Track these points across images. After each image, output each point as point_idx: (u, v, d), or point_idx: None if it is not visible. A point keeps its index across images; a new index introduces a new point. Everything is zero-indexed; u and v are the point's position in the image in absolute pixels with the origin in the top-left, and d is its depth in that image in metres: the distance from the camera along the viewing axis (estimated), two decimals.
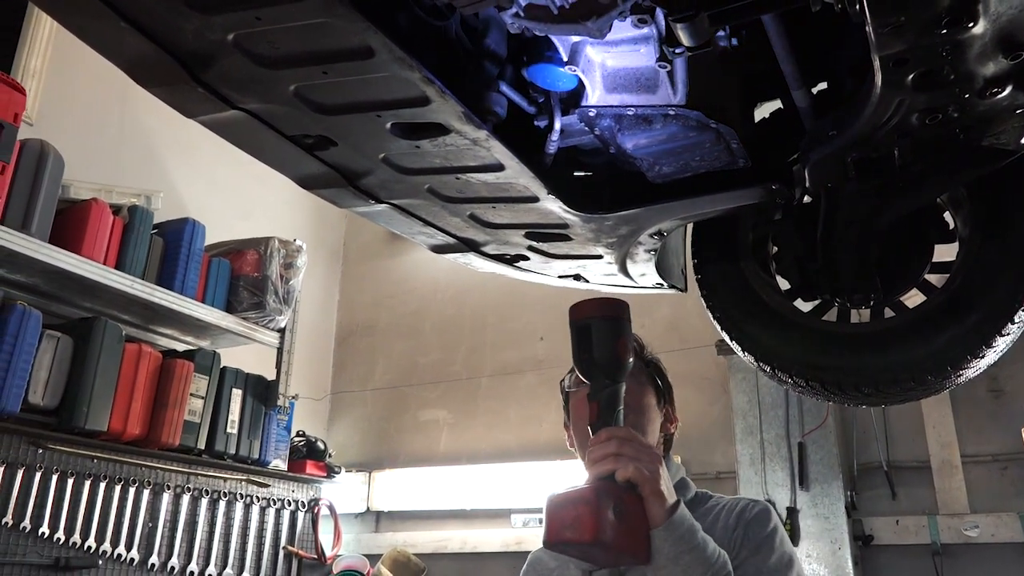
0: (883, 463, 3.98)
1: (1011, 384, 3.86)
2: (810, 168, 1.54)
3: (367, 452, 5.50)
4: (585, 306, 1.34)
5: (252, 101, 1.38)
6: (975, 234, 1.82)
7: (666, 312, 4.63)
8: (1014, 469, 3.79)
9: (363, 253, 6.16)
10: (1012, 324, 1.74)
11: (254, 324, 4.09)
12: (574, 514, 1.16)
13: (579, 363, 1.34)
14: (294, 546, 4.39)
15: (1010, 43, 1.17)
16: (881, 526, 3.88)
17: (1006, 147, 1.48)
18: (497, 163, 1.52)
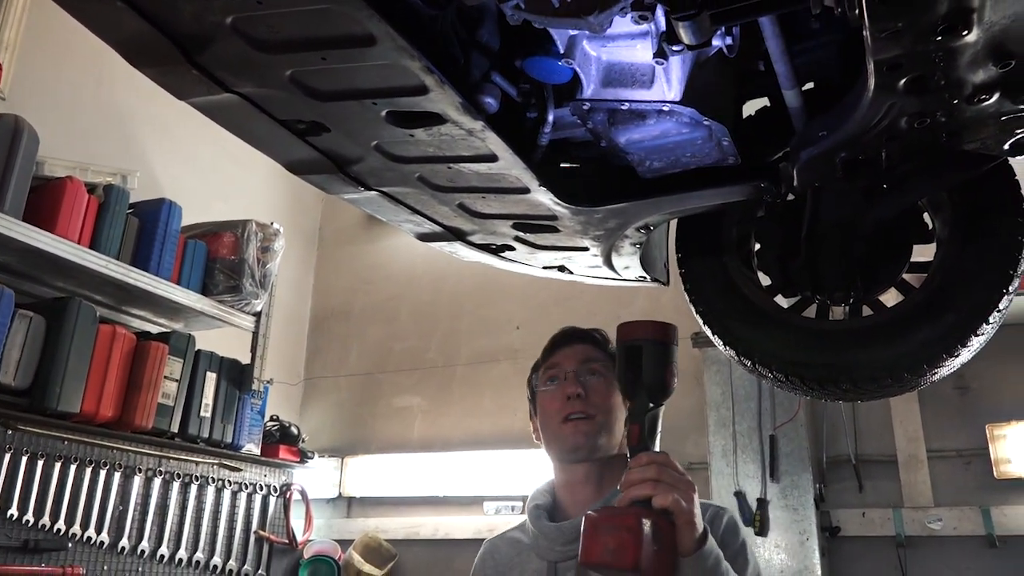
0: (851, 456, 4.06)
1: (977, 382, 3.95)
2: (799, 167, 1.56)
3: (340, 438, 5.48)
4: (639, 328, 1.37)
5: (247, 85, 1.37)
6: (954, 236, 1.86)
7: (642, 305, 4.66)
8: (977, 464, 3.89)
9: (339, 238, 6.13)
10: (986, 324, 1.78)
11: (230, 307, 4.06)
12: (618, 540, 1.15)
13: (625, 383, 1.35)
14: (265, 531, 4.37)
15: (1001, 52, 1.19)
16: (848, 518, 3.97)
17: (989, 152, 1.51)
18: (491, 154, 1.52)
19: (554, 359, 1.65)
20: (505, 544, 1.63)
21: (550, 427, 1.58)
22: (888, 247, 1.95)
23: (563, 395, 1.58)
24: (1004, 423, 3.81)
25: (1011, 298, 1.81)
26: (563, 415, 1.55)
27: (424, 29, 1.42)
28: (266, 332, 4.32)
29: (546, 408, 1.61)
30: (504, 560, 1.58)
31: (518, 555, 1.57)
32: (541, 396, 1.65)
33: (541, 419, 1.64)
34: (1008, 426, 3.79)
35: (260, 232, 4.15)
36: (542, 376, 1.65)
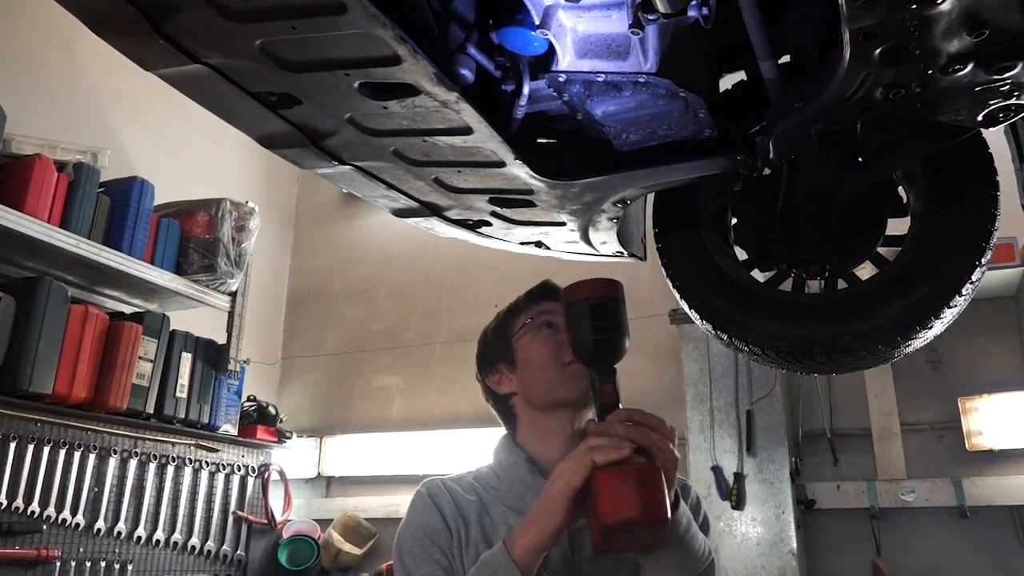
0: (826, 431, 4.11)
1: (949, 356, 4.01)
2: (775, 139, 1.56)
3: (318, 417, 5.47)
4: (601, 285, 1.33)
5: (215, 55, 1.34)
6: (928, 209, 1.87)
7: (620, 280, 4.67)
8: (949, 437, 3.95)
9: (315, 217, 6.08)
10: (959, 297, 1.80)
11: (204, 287, 4.02)
12: (646, 494, 1.12)
13: (599, 343, 1.29)
14: (244, 511, 4.36)
15: (974, 21, 1.19)
16: (823, 491, 4.03)
17: (963, 124, 1.51)
18: (466, 126, 1.51)
19: (546, 307, 1.56)
20: (463, 489, 1.48)
21: (548, 372, 1.48)
22: (863, 220, 1.96)
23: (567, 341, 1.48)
24: (976, 396, 3.86)
25: (983, 270, 1.83)
26: (568, 358, 1.44)
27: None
28: (242, 312, 4.29)
29: (540, 354, 1.50)
30: (467, 506, 1.44)
31: (482, 504, 1.44)
32: (533, 342, 1.53)
33: (531, 366, 1.51)
34: (980, 399, 3.85)
35: (235, 211, 4.10)
36: (531, 323, 1.55)
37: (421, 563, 1.37)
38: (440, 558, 1.38)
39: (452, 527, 1.41)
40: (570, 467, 1.18)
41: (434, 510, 1.43)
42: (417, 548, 1.39)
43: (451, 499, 1.45)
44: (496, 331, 1.61)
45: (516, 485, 1.46)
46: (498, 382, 1.57)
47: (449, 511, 1.43)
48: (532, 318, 1.55)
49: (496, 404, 1.61)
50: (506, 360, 1.56)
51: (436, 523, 1.41)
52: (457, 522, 1.42)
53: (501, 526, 1.41)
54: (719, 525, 3.74)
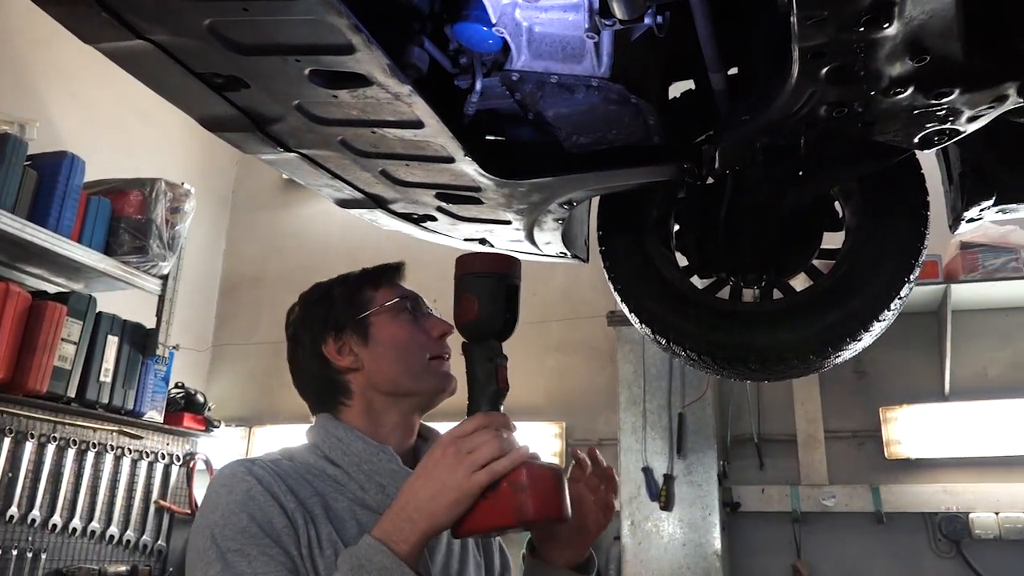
0: (754, 435, 4.22)
1: (873, 367, 4.15)
2: (721, 150, 1.59)
3: (248, 407, 5.36)
4: (510, 261, 1.26)
5: (160, 32, 1.29)
6: (862, 225, 1.94)
7: (561, 282, 4.71)
8: (870, 445, 4.10)
9: (253, 202, 5.95)
10: (888, 311, 1.87)
11: (135, 269, 3.89)
12: (565, 495, 1.13)
13: (510, 321, 1.23)
14: (166, 501, 4.25)
15: (917, 47, 1.24)
16: (748, 494, 4.13)
17: (899, 145, 1.56)
18: (417, 120, 1.49)
19: (408, 292, 1.44)
20: (294, 479, 1.24)
21: (409, 361, 1.35)
22: (800, 233, 2.01)
23: (437, 331, 1.38)
24: (896, 406, 4.01)
25: (911, 286, 1.90)
26: (434, 353, 1.36)
27: None
28: (173, 296, 4.16)
29: (404, 339, 1.36)
30: (308, 498, 1.22)
31: (322, 498, 1.24)
32: (395, 324, 1.38)
33: (391, 348, 1.36)
34: (899, 409, 4.00)
35: (169, 192, 3.98)
36: (396, 303, 1.39)
37: (260, 566, 1.10)
38: (284, 559, 1.13)
39: (298, 523, 1.17)
40: (490, 459, 1.09)
41: (270, 500, 1.16)
42: (252, 547, 1.11)
43: (288, 488, 1.20)
44: (347, 297, 1.40)
45: (377, 477, 1.26)
46: (339, 351, 1.35)
47: (291, 504, 1.18)
48: (400, 298, 1.40)
49: (321, 375, 1.37)
50: (356, 332, 1.36)
51: (276, 518, 1.15)
52: (304, 517, 1.18)
53: (349, 523, 1.22)
54: (647, 526, 3.80)
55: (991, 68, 1.35)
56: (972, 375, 3.99)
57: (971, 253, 3.66)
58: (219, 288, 5.82)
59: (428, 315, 1.42)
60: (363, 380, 1.35)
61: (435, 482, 1.09)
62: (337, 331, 1.37)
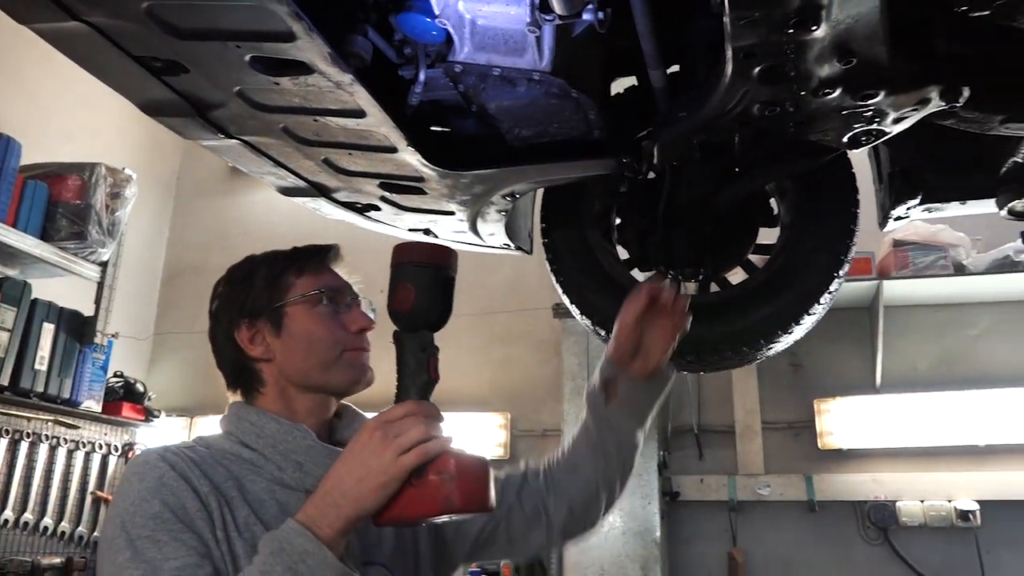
0: (694, 426, 4.31)
1: (808, 359, 4.28)
2: (659, 146, 1.63)
3: (190, 397, 5.28)
4: (448, 252, 1.26)
5: (97, 14, 1.27)
6: (795, 222, 2.00)
7: (507, 273, 4.74)
8: (805, 436, 4.23)
9: (198, 189, 5.85)
10: (818, 305, 1.93)
11: (73, 255, 3.81)
12: (489, 484, 1.13)
13: (442, 310, 1.22)
14: (103, 491, 4.17)
15: (844, 50, 1.28)
16: (687, 484, 4.23)
17: (830, 144, 1.62)
18: (359, 109, 1.49)
19: (331, 280, 1.40)
20: (209, 462, 1.22)
21: (322, 355, 1.32)
22: (737, 228, 2.07)
23: (355, 325, 1.36)
24: (829, 398, 4.15)
25: (841, 282, 1.97)
26: (350, 348, 1.34)
27: None
28: (113, 283, 4.09)
29: (319, 333, 1.33)
30: (223, 481, 1.20)
31: (237, 480, 1.22)
32: (311, 316, 1.34)
33: (303, 341, 1.33)
34: (832, 400, 4.13)
35: (110, 177, 3.90)
36: (314, 294, 1.36)
37: (171, 551, 1.08)
38: (197, 544, 1.10)
39: (212, 507, 1.15)
40: (417, 441, 1.08)
41: (183, 485, 1.14)
42: (163, 533, 1.09)
43: (202, 473, 1.18)
44: (267, 282, 1.37)
45: (294, 456, 1.24)
46: (251, 340, 1.33)
47: (205, 488, 1.16)
48: (318, 290, 1.36)
49: (234, 362, 1.36)
50: (271, 321, 1.33)
51: (188, 502, 1.13)
52: (219, 500, 1.16)
53: (269, 503, 1.21)
54: None
55: (915, 72, 1.41)
56: (902, 369, 4.14)
57: (902, 251, 3.80)
58: (162, 276, 5.72)
59: (349, 308, 1.39)
60: (274, 370, 1.33)
61: (361, 466, 1.08)
62: (252, 318, 1.34)
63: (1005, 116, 1.57)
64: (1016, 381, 4.00)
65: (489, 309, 4.69)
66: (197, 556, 1.09)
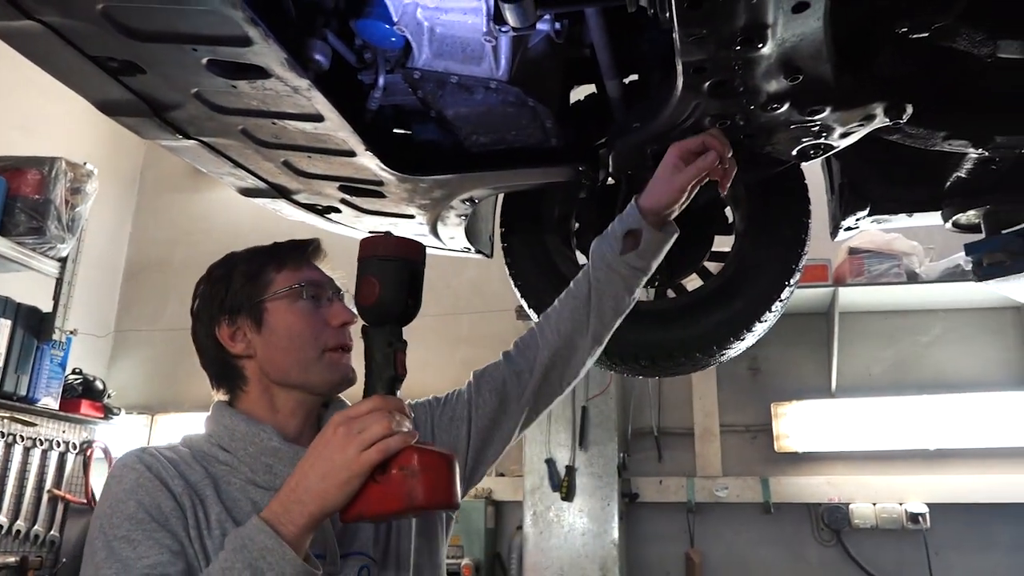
0: (654, 429, 4.37)
1: (766, 364, 4.35)
2: (613, 155, 1.66)
3: (151, 394, 5.23)
4: (415, 246, 1.25)
5: (52, 14, 1.27)
6: (748, 230, 2.04)
7: (472, 275, 4.75)
8: (762, 439, 4.30)
9: (162, 185, 5.80)
10: (769, 312, 1.98)
11: (31, 251, 3.75)
12: (454, 479, 1.13)
13: (412, 307, 1.22)
14: (61, 490, 4.12)
15: (790, 67, 1.32)
16: (646, 485, 4.28)
17: (780, 156, 1.66)
18: (317, 113, 1.51)
19: (311, 274, 1.39)
20: (185, 462, 1.24)
21: (302, 353, 1.31)
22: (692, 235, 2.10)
23: (337, 320, 1.35)
24: (786, 402, 4.23)
25: (792, 289, 2.01)
26: (333, 344, 1.34)
27: None
28: (72, 279, 4.03)
29: (299, 329, 1.32)
30: (198, 480, 1.22)
31: (212, 479, 1.23)
32: (291, 312, 1.33)
33: (284, 337, 1.32)
34: (788, 404, 4.21)
35: (71, 172, 3.85)
36: (295, 289, 1.35)
37: (145, 550, 1.10)
38: (170, 542, 1.13)
39: (185, 506, 1.17)
40: (380, 437, 1.08)
41: (158, 485, 1.16)
42: (138, 532, 1.12)
43: (178, 473, 1.20)
44: (247, 278, 1.36)
45: (263, 457, 1.26)
46: (232, 337, 1.33)
47: (179, 487, 1.18)
48: (298, 284, 1.35)
49: (216, 360, 1.36)
50: (251, 317, 1.33)
51: (163, 502, 1.15)
52: (193, 499, 1.18)
53: (243, 502, 1.22)
54: (549, 515, 3.89)
55: (859, 89, 1.45)
56: (857, 374, 4.23)
57: (858, 258, 3.88)
58: (124, 272, 5.66)
59: (331, 302, 1.38)
60: (255, 367, 1.33)
61: (325, 462, 1.08)
62: (232, 314, 1.33)
63: (947, 133, 1.63)
64: (966, 387, 4.11)
65: (454, 310, 4.71)
66: (170, 554, 1.11)
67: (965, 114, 1.63)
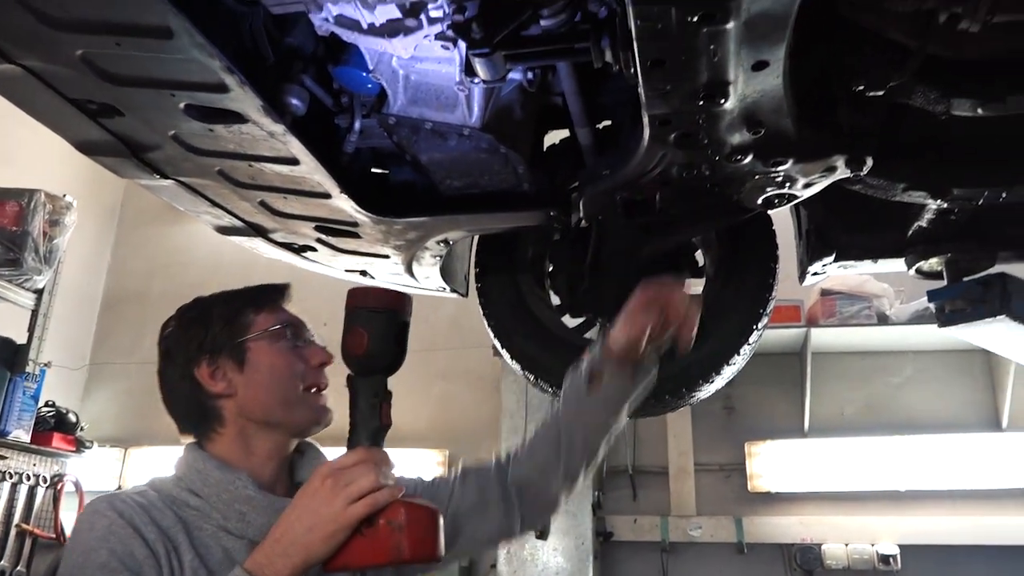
0: (629, 467, 4.37)
1: (741, 403, 4.39)
2: (584, 201, 1.69)
3: (125, 427, 5.18)
4: (404, 299, 1.26)
5: (31, 59, 1.30)
6: (717, 274, 2.08)
7: (450, 311, 4.77)
8: (735, 478, 4.32)
9: (142, 217, 5.79)
10: (738, 355, 2.01)
11: (7, 282, 3.75)
12: (439, 534, 1.14)
13: (395, 356, 1.24)
14: (30, 524, 4.06)
15: (752, 121, 1.37)
16: (621, 524, 4.28)
17: (746, 205, 1.70)
18: (292, 157, 1.54)
19: (289, 317, 1.41)
20: (157, 508, 1.22)
21: (286, 392, 1.33)
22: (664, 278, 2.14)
23: (316, 360, 1.38)
24: (760, 441, 4.25)
25: (760, 333, 2.05)
26: (311, 383, 1.36)
27: (233, 24, 1.41)
28: (48, 311, 4.02)
29: (283, 368, 1.34)
30: (170, 527, 1.20)
31: (185, 525, 1.22)
32: (275, 351, 1.35)
33: (268, 376, 1.33)
34: (762, 444, 4.24)
35: (50, 204, 3.86)
36: (277, 329, 1.37)
37: None
38: None
39: (159, 553, 1.15)
40: (368, 490, 1.10)
41: (130, 533, 1.14)
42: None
43: (150, 519, 1.18)
44: (227, 318, 1.36)
45: (236, 505, 1.24)
46: (212, 376, 1.32)
47: (152, 534, 1.16)
48: (280, 325, 1.37)
49: (191, 401, 1.35)
50: (233, 357, 1.33)
51: (136, 549, 1.13)
52: (166, 546, 1.16)
53: (215, 549, 1.20)
54: (523, 554, 3.87)
55: (820, 142, 1.50)
56: (829, 414, 4.27)
57: (830, 300, 3.94)
58: (101, 303, 5.63)
59: (309, 343, 1.40)
60: (235, 407, 1.32)
61: (311, 514, 1.09)
62: (212, 354, 1.33)
63: (906, 184, 1.68)
64: (936, 428, 4.15)
65: (431, 345, 4.72)
66: None
67: (924, 166, 1.68)
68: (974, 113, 1.45)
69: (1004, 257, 1.97)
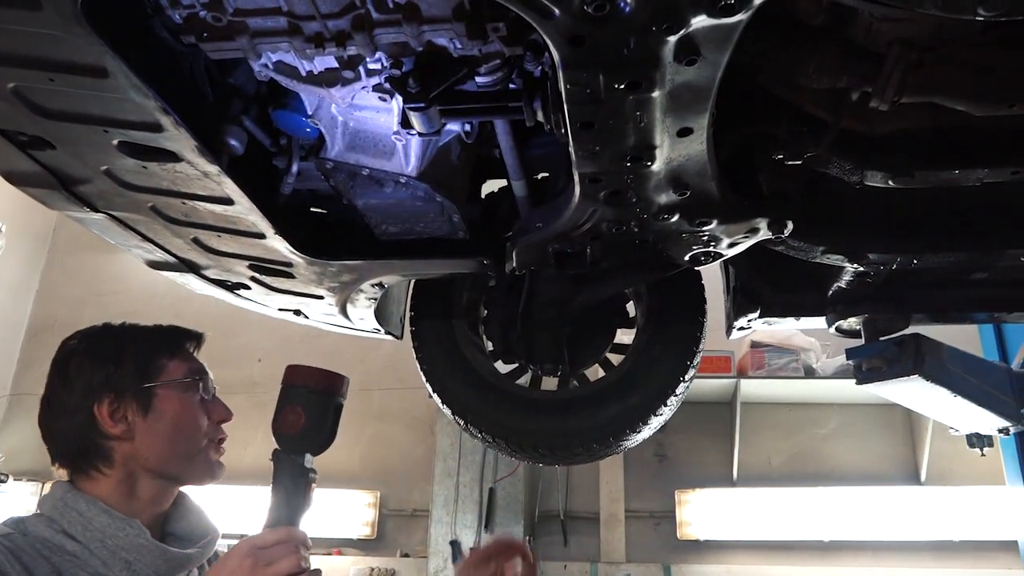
0: (560, 512, 4.38)
1: (672, 451, 4.45)
2: (517, 252, 1.73)
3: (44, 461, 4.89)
4: (342, 382, 1.28)
5: None
6: (647, 326, 2.13)
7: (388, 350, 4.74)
8: (665, 525, 4.36)
9: (76, 244, 5.66)
10: (665, 406, 2.05)
11: None
12: None
13: (328, 437, 1.24)
14: None
15: (678, 183, 1.43)
16: (552, 570, 4.27)
17: (674, 260, 1.76)
18: (227, 197, 1.53)
19: (198, 365, 1.39)
20: (28, 554, 1.16)
21: (190, 446, 1.31)
22: (594, 328, 2.18)
23: (219, 416, 1.37)
24: (690, 489, 4.30)
25: (688, 383, 2.10)
26: (210, 438, 1.35)
27: (173, 63, 1.42)
28: None
29: (191, 422, 1.32)
30: (43, 571, 1.15)
31: (63, 566, 1.17)
32: (185, 403, 1.32)
33: (172, 427, 1.30)
34: (692, 492, 4.29)
35: None
36: (188, 381, 1.35)
37: None
38: None
39: None
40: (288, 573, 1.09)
41: None
42: None
43: (23, 567, 1.12)
44: (136, 361, 1.32)
45: (122, 553, 1.20)
46: (111, 415, 1.27)
47: None
48: (192, 376, 1.35)
49: (80, 435, 1.29)
50: (138, 400, 1.29)
51: None
52: None
53: None
54: None
55: (743, 205, 1.57)
56: (758, 463, 4.36)
57: (759, 352, 4.04)
58: (26, 331, 5.45)
59: (213, 397, 1.40)
60: (129, 451, 1.27)
61: None
62: (118, 394, 1.28)
63: (825, 248, 1.76)
64: (859, 480, 4.27)
65: (367, 385, 4.68)
66: None
67: (841, 231, 1.77)
68: (886, 185, 1.53)
69: (918, 319, 2.07)
